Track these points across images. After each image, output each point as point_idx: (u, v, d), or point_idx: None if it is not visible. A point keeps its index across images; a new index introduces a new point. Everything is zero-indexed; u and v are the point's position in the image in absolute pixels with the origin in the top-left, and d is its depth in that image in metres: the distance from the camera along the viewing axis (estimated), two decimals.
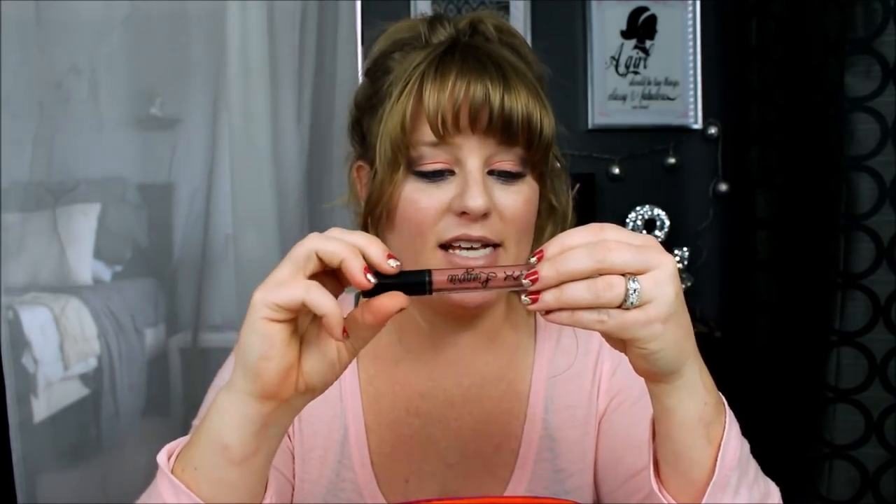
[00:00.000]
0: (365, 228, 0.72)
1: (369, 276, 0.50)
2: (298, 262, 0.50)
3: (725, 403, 0.57)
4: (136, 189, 1.71)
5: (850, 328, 1.53)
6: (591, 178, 2.04)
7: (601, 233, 0.50)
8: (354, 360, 0.77)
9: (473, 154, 0.66)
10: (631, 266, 0.49)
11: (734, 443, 0.56)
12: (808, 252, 1.69)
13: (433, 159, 0.67)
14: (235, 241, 1.66)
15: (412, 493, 0.75)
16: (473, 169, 0.66)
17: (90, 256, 1.68)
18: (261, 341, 0.50)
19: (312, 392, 0.54)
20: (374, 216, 0.70)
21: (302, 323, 0.53)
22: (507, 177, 0.68)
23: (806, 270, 1.71)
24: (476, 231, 0.66)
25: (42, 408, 1.51)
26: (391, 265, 0.50)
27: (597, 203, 2.07)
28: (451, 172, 0.67)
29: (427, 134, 0.66)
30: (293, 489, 0.76)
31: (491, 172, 0.68)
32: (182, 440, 0.57)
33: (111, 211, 1.70)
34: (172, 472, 0.55)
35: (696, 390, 0.54)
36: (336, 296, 0.52)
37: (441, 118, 0.65)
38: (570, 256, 0.49)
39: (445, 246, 0.68)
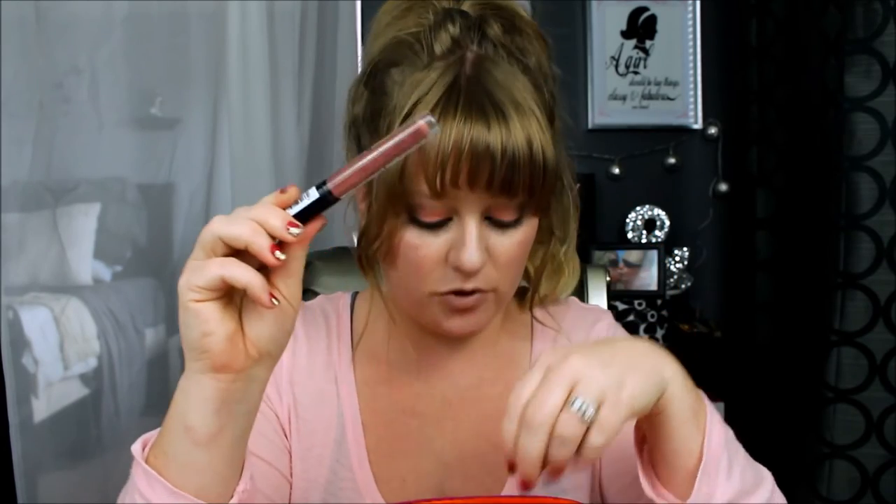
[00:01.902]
0: (360, 259, 0.71)
1: (278, 253, 0.50)
2: (206, 248, 0.51)
3: (696, 388, 0.60)
4: (136, 189, 1.71)
5: (850, 328, 1.53)
6: (591, 178, 2.04)
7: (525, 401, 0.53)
8: (350, 360, 0.77)
9: (471, 207, 0.64)
10: (560, 402, 0.52)
11: (718, 426, 0.58)
12: (808, 252, 1.69)
13: (432, 210, 0.64)
14: None
15: (409, 493, 0.75)
16: (470, 223, 0.64)
17: (90, 256, 1.68)
18: (196, 320, 0.51)
19: (269, 357, 0.54)
20: (370, 256, 0.69)
21: (236, 294, 0.53)
22: (505, 224, 0.66)
23: (806, 270, 1.71)
24: (469, 284, 0.66)
25: (42, 408, 1.51)
26: (293, 233, 0.50)
27: (597, 203, 2.07)
28: (450, 219, 0.65)
29: (426, 187, 0.63)
30: (291, 487, 0.76)
31: (489, 219, 0.66)
32: (158, 430, 0.57)
33: (111, 211, 1.70)
34: (147, 460, 0.55)
35: (682, 388, 0.57)
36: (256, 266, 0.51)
37: (440, 178, 0.62)
38: (525, 447, 0.53)
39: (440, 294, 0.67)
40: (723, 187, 2.10)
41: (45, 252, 1.59)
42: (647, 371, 0.55)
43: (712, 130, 2.10)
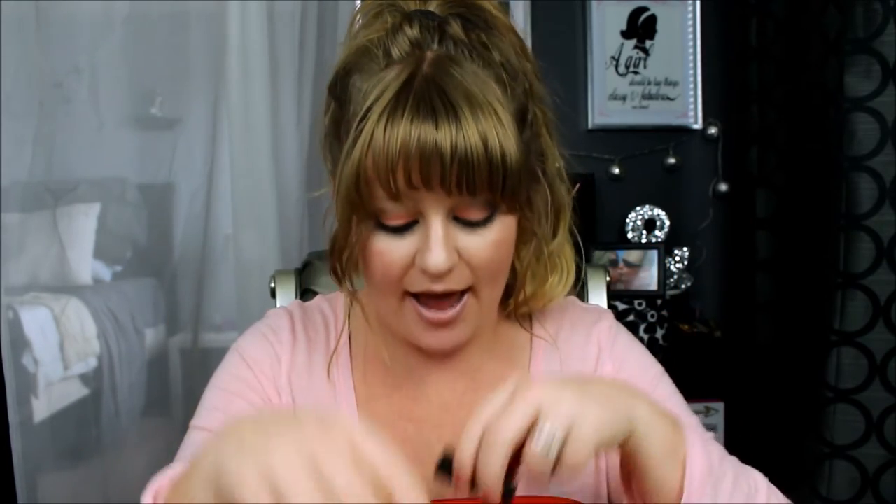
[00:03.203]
0: (335, 273, 0.69)
1: None
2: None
3: (678, 419, 0.59)
4: (136, 189, 1.71)
5: (850, 328, 1.53)
6: (591, 178, 2.04)
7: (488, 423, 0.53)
8: (348, 361, 0.77)
9: (434, 207, 0.62)
10: (524, 426, 0.52)
11: (699, 457, 0.57)
12: (808, 252, 1.69)
13: (395, 214, 0.63)
14: (235, 241, 1.66)
15: None
16: (434, 224, 0.63)
17: (90, 256, 1.68)
18: None
19: None
20: (341, 264, 0.67)
21: None
22: (474, 224, 0.65)
23: (806, 270, 1.71)
24: (439, 286, 0.64)
25: (42, 408, 1.51)
26: None
27: (597, 203, 2.07)
28: (416, 221, 0.64)
29: (382, 191, 0.62)
30: None
31: (457, 218, 0.64)
32: (168, 476, 0.54)
33: (111, 211, 1.70)
34: None
35: (656, 426, 0.56)
36: None
37: (392, 180, 0.61)
38: (485, 465, 0.52)
39: (416, 294, 0.66)
40: (723, 187, 2.10)
41: (45, 252, 1.59)
42: (614, 407, 0.55)
43: (712, 130, 2.10)
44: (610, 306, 1.02)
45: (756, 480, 0.62)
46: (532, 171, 0.68)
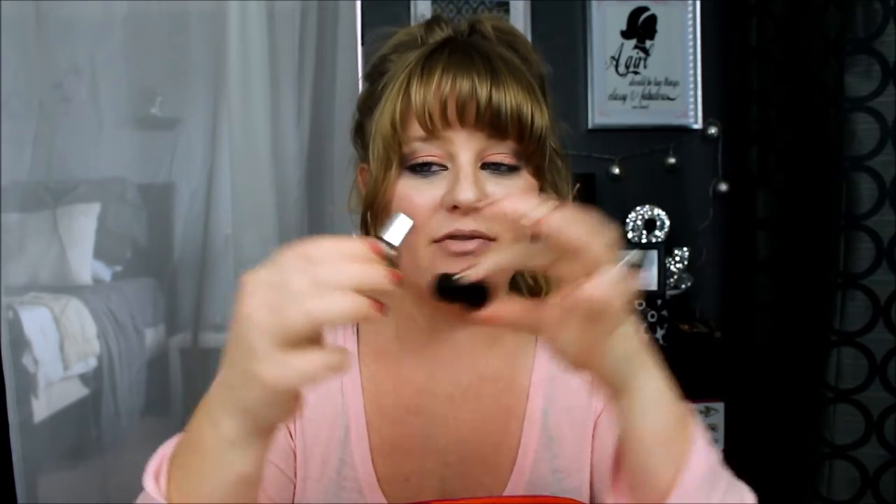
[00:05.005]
0: (364, 227, 0.72)
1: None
2: (295, 334, 0.48)
3: (692, 414, 0.58)
4: (136, 189, 1.71)
5: (850, 328, 1.53)
6: (591, 178, 2.04)
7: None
8: (356, 358, 0.77)
9: (464, 147, 0.66)
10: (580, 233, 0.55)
11: (700, 457, 0.56)
12: (808, 252, 1.69)
13: (425, 153, 0.67)
14: (235, 241, 1.66)
15: (412, 492, 0.75)
16: (464, 162, 0.66)
17: (90, 256, 1.68)
18: (281, 411, 0.52)
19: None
20: (372, 213, 0.70)
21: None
22: (501, 170, 0.68)
23: (806, 270, 1.71)
24: (468, 225, 0.65)
25: (42, 408, 1.51)
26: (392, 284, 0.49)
27: (597, 203, 2.07)
28: (444, 167, 0.67)
29: (418, 129, 0.66)
30: (295, 488, 0.77)
31: (484, 166, 0.67)
32: (162, 455, 0.58)
33: (111, 211, 1.70)
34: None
35: (660, 404, 0.56)
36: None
37: (428, 113, 0.65)
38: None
39: (438, 240, 0.67)
40: (723, 187, 2.10)
41: (45, 252, 1.59)
42: (641, 357, 0.56)
43: (712, 130, 2.10)
44: None
45: (745, 496, 0.60)
46: (552, 147, 0.72)
